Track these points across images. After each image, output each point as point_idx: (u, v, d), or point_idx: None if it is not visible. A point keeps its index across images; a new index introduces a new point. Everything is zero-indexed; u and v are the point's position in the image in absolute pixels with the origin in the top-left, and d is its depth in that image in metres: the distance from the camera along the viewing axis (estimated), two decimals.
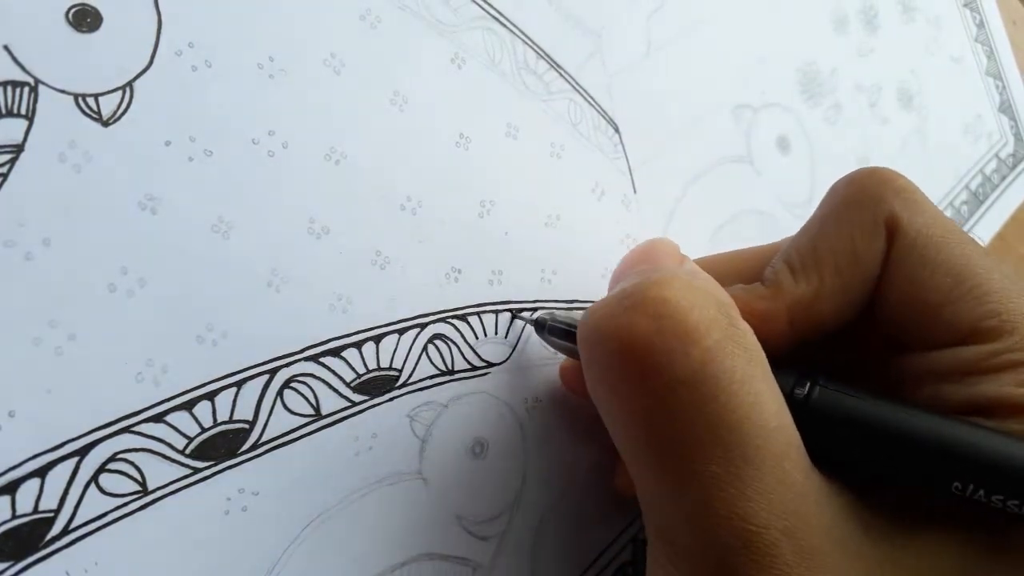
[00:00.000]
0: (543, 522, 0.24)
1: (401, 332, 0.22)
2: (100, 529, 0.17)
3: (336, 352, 0.20)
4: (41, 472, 0.16)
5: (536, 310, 0.24)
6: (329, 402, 0.20)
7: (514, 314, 0.24)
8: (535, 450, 0.24)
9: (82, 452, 0.17)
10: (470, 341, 0.23)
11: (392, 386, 0.21)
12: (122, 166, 0.18)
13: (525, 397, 0.24)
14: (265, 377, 0.19)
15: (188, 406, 0.18)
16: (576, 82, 0.27)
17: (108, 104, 0.18)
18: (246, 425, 0.19)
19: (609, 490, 0.25)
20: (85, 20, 0.18)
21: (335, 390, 0.20)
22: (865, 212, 0.20)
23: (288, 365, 0.20)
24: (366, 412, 0.21)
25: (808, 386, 0.18)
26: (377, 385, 0.21)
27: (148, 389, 0.18)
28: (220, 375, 0.19)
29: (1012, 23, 0.50)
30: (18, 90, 0.17)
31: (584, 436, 0.25)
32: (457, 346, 0.23)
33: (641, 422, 0.17)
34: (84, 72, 0.18)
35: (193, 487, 0.18)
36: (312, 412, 0.20)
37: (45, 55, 0.17)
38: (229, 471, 0.18)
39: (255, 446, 0.19)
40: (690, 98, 0.31)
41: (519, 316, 0.24)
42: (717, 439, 0.16)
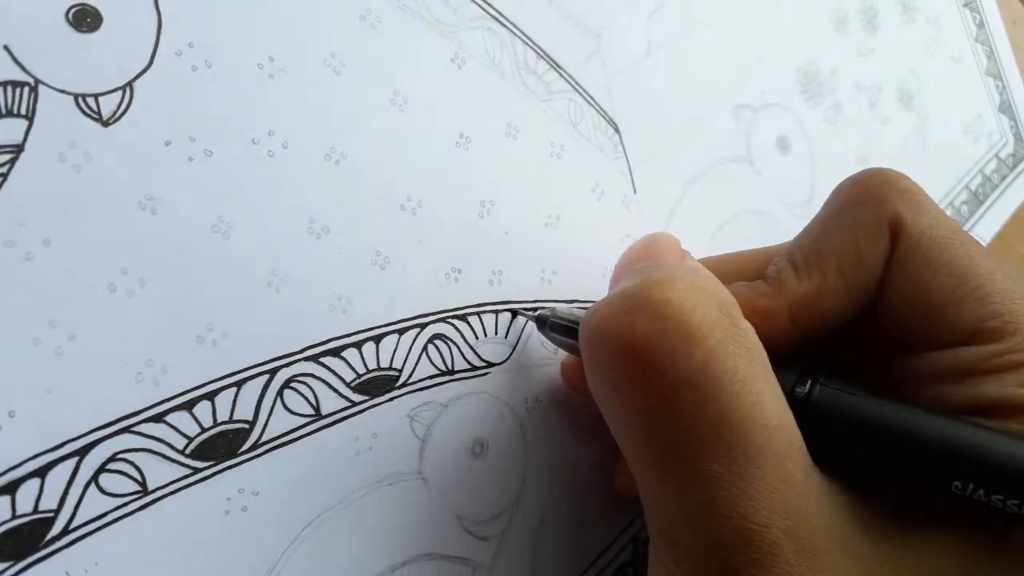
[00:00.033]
0: (543, 522, 0.24)
1: (401, 332, 0.22)
2: (100, 529, 0.17)
3: (336, 352, 0.20)
4: (41, 472, 0.16)
5: (536, 310, 0.24)
6: (329, 402, 0.20)
7: (514, 312, 0.24)
8: (535, 450, 0.24)
9: (82, 452, 0.17)
10: (470, 341, 0.23)
11: (392, 386, 0.21)
12: (122, 166, 0.18)
13: (525, 397, 0.24)
14: (265, 377, 0.19)
15: (188, 406, 0.18)
16: (576, 82, 0.27)
17: (108, 104, 0.18)
18: (246, 425, 0.19)
19: (609, 490, 0.25)
20: (85, 20, 0.18)
21: (335, 390, 0.20)
22: (869, 212, 0.20)
23: (288, 365, 0.20)
24: (366, 412, 0.21)
25: (809, 384, 0.18)
26: (377, 385, 0.21)
27: (148, 389, 0.18)
28: (220, 375, 0.19)
29: (1012, 23, 0.50)
30: (18, 90, 0.17)
31: (584, 436, 0.25)
32: (457, 346, 0.23)
33: (643, 422, 0.17)
34: (84, 72, 0.18)
35: (193, 487, 0.18)
36: (312, 412, 0.20)
37: (45, 55, 0.17)
38: (229, 471, 0.18)
39: (255, 446, 0.19)
40: (690, 98, 0.31)
41: (521, 313, 0.24)
42: (719, 439, 0.16)
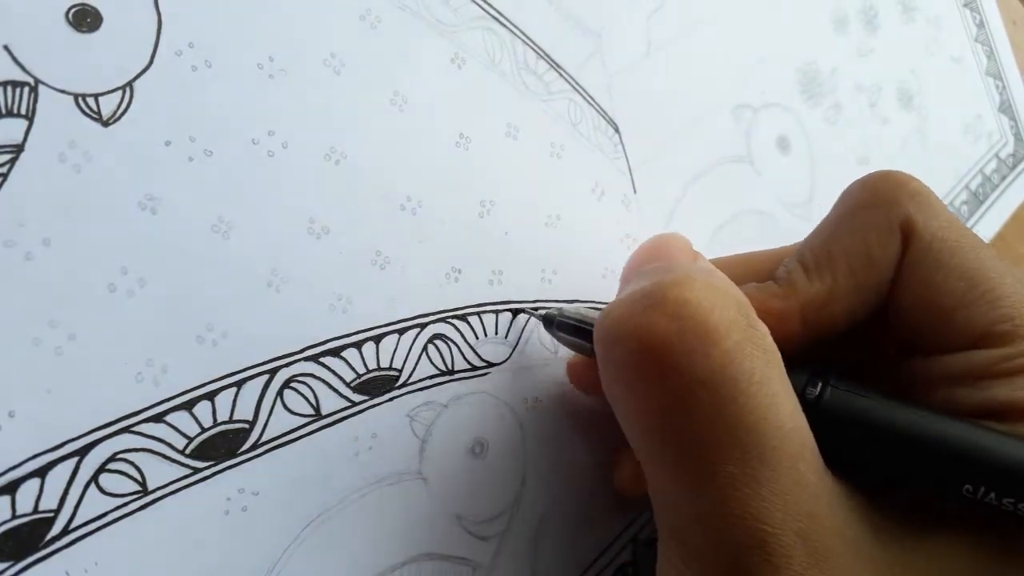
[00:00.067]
0: (543, 522, 0.24)
1: (401, 332, 0.22)
2: (100, 529, 0.17)
3: (336, 352, 0.20)
4: (41, 472, 0.16)
5: (537, 310, 0.24)
6: (329, 402, 0.20)
7: (515, 311, 0.24)
8: (535, 450, 0.24)
9: (82, 452, 0.17)
10: (470, 341, 0.23)
11: (392, 386, 0.21)
12: (122, 166, 0.18)
13: (525, 397, 0.24)
14: (265, 377, 0.19)
15: (188, 406, 0.18)
16: (576, 82, 0.27)
17: (108, 104, 0.18)
18: (246, 425, 0.19)
19: (609, 490, 0.25)
20: (85, 20, 0.18)
21: (335, 390, 0.20)
22: (880, 215, 0.20)
23: (288, 365, 0.20)
24: (366, 412, 0.21)
25: (820, 386, 0.18)
26: (377, 385, 0.21)
27: (148, 389, 0.18)
28: (220, 375, 0.19)
29: (1012, 23, 0.50)
30: (18, 90, 0.17)
31: (584, 436, 0.25)
32: (457, 346, 0.23)
33: (658, 422, 0.17)
34: (84, 72, 0.18)
35: (193, 487, 0.18)
36: (312, 412, 0.20)
37: (45, 55, 0.17)
38: (229, 471, 0.18)
39: (255, 446, 0.19)
40: (690, 98, 0.31)
41: (524, 311, 0.24)
42: (735, 440, 0.16)
